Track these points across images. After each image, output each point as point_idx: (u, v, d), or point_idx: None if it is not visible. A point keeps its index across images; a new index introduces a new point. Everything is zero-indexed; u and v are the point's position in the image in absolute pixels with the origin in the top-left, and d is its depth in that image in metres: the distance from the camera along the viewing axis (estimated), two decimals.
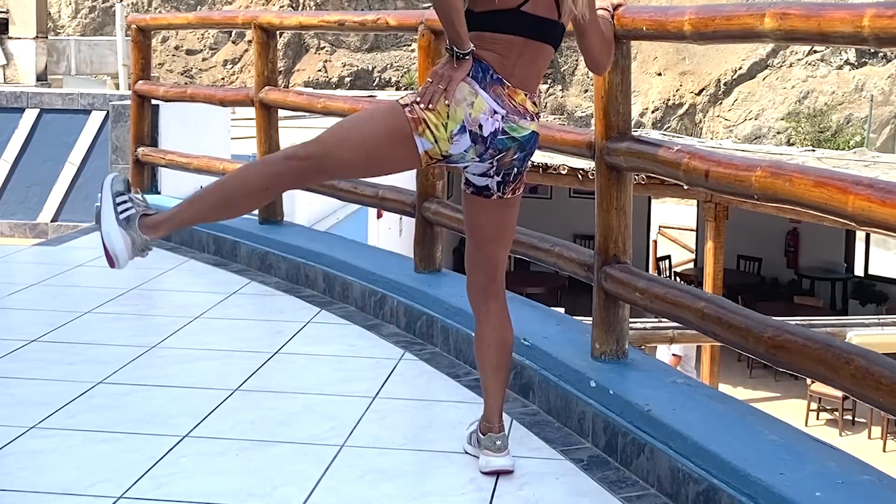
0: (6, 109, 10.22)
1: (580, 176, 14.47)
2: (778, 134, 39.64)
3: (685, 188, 3.38)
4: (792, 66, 40.93)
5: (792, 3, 2.80)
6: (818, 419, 14.98)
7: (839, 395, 13.76)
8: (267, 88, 6.19)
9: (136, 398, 3.88)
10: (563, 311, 6.19)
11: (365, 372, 4.21)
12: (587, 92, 41.36)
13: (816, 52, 40.28)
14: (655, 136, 16.97)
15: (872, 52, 28.63)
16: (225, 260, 6.26)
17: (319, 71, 43.43)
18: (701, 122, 41.27)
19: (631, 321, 3.94)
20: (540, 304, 4.53)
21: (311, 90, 15.99)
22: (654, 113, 41.23)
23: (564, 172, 14.91)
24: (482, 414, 3.27)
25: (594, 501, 3.04)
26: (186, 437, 3.48)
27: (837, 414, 14.70)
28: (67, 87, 17.55)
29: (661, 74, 41.84)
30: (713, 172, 3.07)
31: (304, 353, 4.50)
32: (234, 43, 44.41)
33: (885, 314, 15.94)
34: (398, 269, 5.08)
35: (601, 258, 3.67)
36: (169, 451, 3.35)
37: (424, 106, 2.92)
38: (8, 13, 17.57)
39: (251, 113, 6.45)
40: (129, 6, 41.61)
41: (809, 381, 13.33)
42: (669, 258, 21.08)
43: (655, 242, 21.83)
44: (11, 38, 17.61)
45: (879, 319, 12.52)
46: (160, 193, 7.51)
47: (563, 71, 42.84)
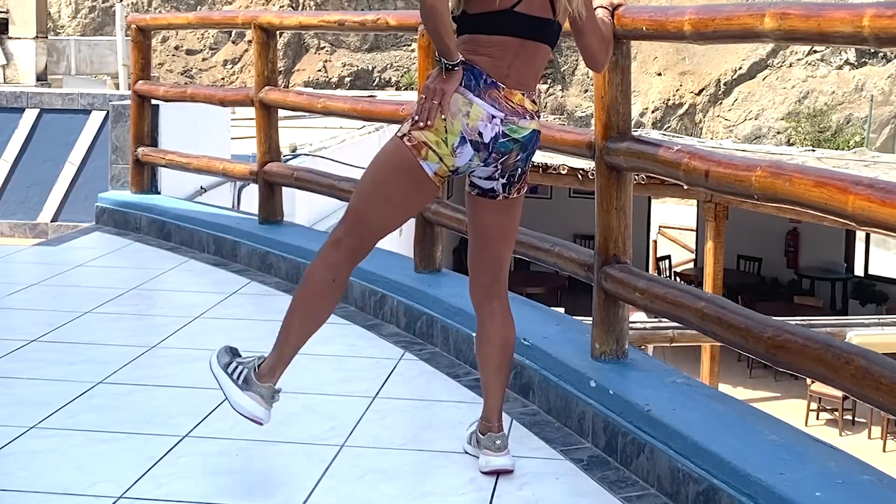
0: (6, 109, 10.22)
1: (580, 176, 14.47)
2: (778, 134, 39.64)
3: (685, 188, 3.38)
4: (792, 66, 40.94)
5: (792, 3, 2.79)
6: (818, 419, 14.98)
7: (839, 395, 13.76)
8: (267, 88, 6.19)
9: (136, 398, 3.88)
10: (563, 311, 6.19)
11: (365, 372, 4.21)
12: (587, 92, 41.36)
13: (816, 52, 40.28)
14: (655, 136, 16.98)
15: (872, 52, 28.63)
16: (225, 260, 6.26)
17: (319, 71, 43.44)
18: (701, 122, 41.28)
19: (631, 321, 3.93)
20: (540, 304, 4.53)
21: (311, 90, 15.99)
22: (654, 113, 41.23)
23: (564, 172, 14.92)
24: (482, 414, 3.27)
25: (594, 501, 3.04)
26: (186, 437, 3.48)
27: (837, 414, 14.71)
28: (67, 87, 17.54)
29: (661, 74, 41.85)
30: (713, 172, 3.07)
31: (304, 353, 4.48)
32: (234, 43, 44.42)
33: (885, 314, 15.97)
34: (398, 269, 5.08)
35: (601, 258, 3.67)
36: (169, 451, 3.35)
37: (423, 123, 2.94)
38: (8, 13, 17.56)
39: (251, 113, 6.46)
40: (129, 6, 41.61)
41: (809, 381, 13.33)
42: (669, 258, 21.08)
43: (655, 242, 21.84)
44: (11, 38, 17.60)
45: (879, 319, 12.55)
46: (160, 193, 7.51)
47: (563, 71, 42.84)
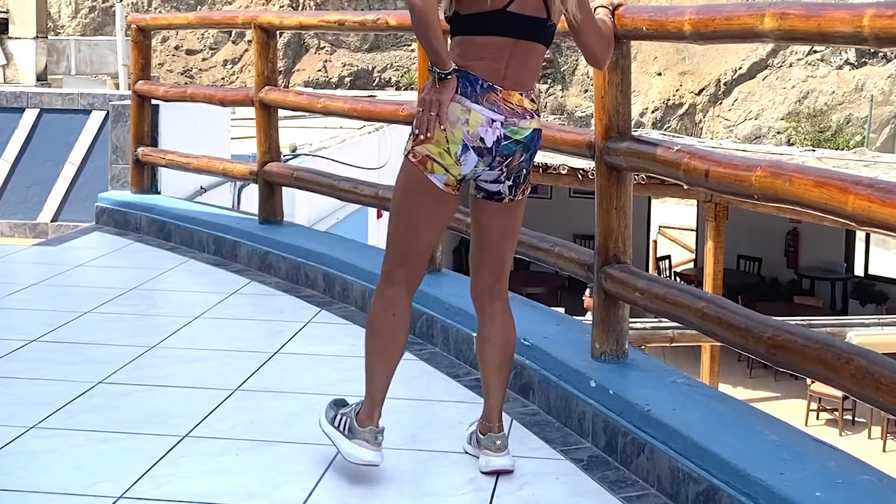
0: (6, 109, 10.21)
1: (580, 176, 14.47)
2: (778, 134, 39.64)
3: (685, 188, 3.38)
4: (792, 66, 40.93)
5: (792, 3, 2.79)
6: (818, 419, 14.97)
7: (839, 395, 13.76)
8: (267, 88, 6.19)
9: (136, 398, 3.88)
10: (563, 311, 6.18)
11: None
12: (587, 92, 41.36)
13: (816, 52, 40.27)
14: (655, 136, 16.98)
15: (872, 52, 28.63)
16: (225, 260, 6.26)
17: (319, 71, 43.43)
18: (701, 122, 41.27)
19: (631, 321, 3.93)
20: (540, 304, 4.53)
21: (311, 90, 15.99)
22: (654, 113, 41.23)
23: (564, 172, 14.92)
24: (482, 414, 3.27)
25: (594, 501, 3.04)
26: (186, 437, 3.48)
27: (837, 414, 14.70)
28: (67, 87, 17.53)
29: (661, 74, 41.84)
30: (713, 172, 3.07)
31: (304, 353, 4.50)
32: (234, 43, 44.42)
33: (885, 314, 15.96)
34: None
35: (601, 258, 3.67)
36: (169, 451, 3.35)
37: (423, 136, 2.95)
38: (8, 13, 17.55)
39: (251, 113, 6.46)
40: (129, 6, 41.61)
41: (809, 381, 13.33)
42: (669, 258, 21.08)
43: (655, 242, 21.84)
44: (11, 38, 17.58)
45: (879, 319, 12.54)
46: (160, 193, 7.51)
47: (563, 71, 42.84)
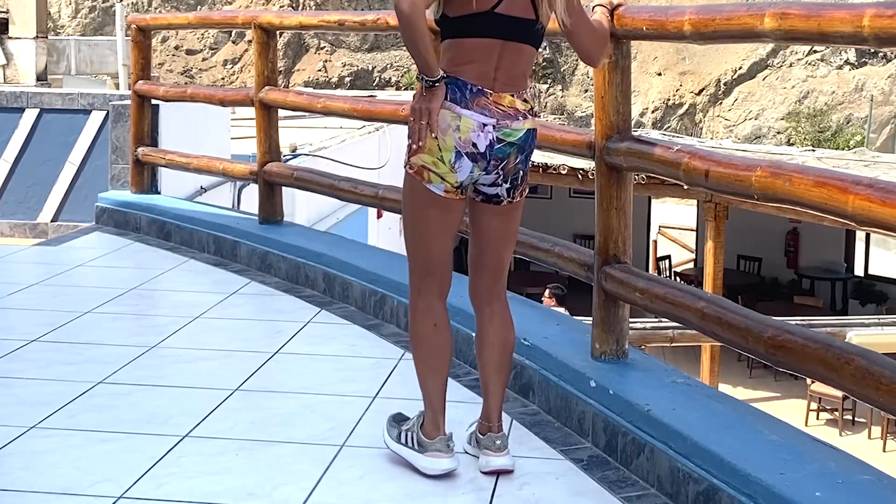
0: (6, 109, 10.21)
1: (580, 176, 14.47)
2: (778, 134, 39.64)
3: (685, 188, 3.38)
4: (792, 66, 40.93)
5: (792, 3, 2.79)
6: (818, 419, 14.97)
7: (839, 395, 13.76)
8: (267, 88, 6.19)
9: (136, 398, 3.88)
10: (563, 311, 6.18)
11: (365, 372, 4.21)
12: (587, 92, 41.36)
13: (816, 52, 40.28)
14: (655, 136, 16.98)
15: (872, 52, 28.63)
16: (225, 260, 6.26)
17: (319, 71, 43.43)
18: (701, 122, 41.27)
19: (631, 321, 3.93)
20: (540, 304, 4.53)
21: (311, 90, 15.99)
22: (654, 113, 41.22)
23: (564, 172, 14.93)
24: (482, 414, 3.27)
25: (594, 501, 3.04)
26: (186, 437, 3.48)
27: (837, 414, 14.70)
28: (67, 87, 17.52)
29: (661, 74, 41.84)
30: (713, 172, 3.07)
31: (304, 353, 4.50)
32: (234, 43, 44.41)
33: (885, 314, 15.96)
34: (398, 269, 5.06)
35: (601, 258, 3.67)
36: (169, 451, 3.35)
37: (416, 146, 2.97)
38: (8, 13, 17.55)
39: (251, 113, 6.46)
40: (129, 6, 41.60)
41: (809, 381, 13.33)
42: (669, 258, 21.08)
43: (655, 242, 21.85)
44: (11, 38, 17.58)
45: (879, 319, 12.54)
46: (160, 193, 7.51)
47: (563, 71, 42.84)
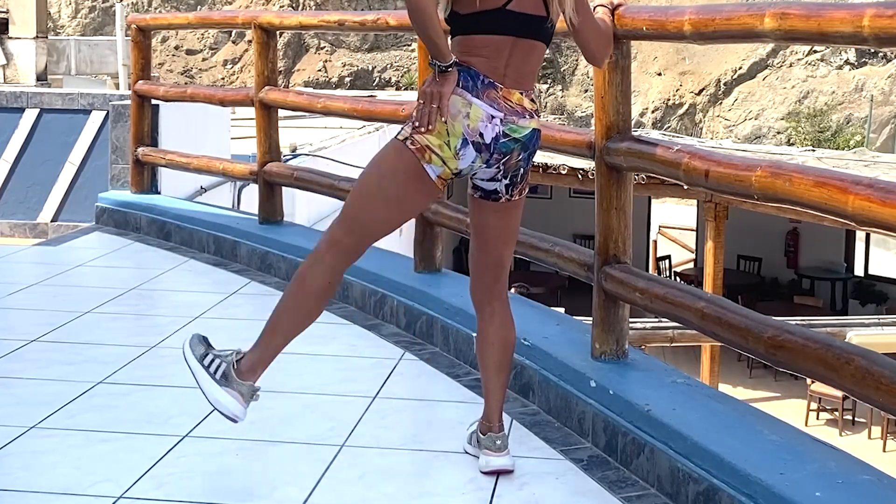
0: (6, 109, 10.21)
1: (580, 176, 14.48)
2: (778, 134, 39.65)
3: (685, 188, 3.38)
4: (792, 66, 40.94)
5: (792, 3, 2.79)
6: (818, 419, 14.98)
7: (839, 395, 13.76)
8: (267, 88, 6.19)
9: (136, 398, 3.88)
10: (563, 311, 6.18)
11: (365, 372, 4.21)
12: (587, 92, 41.37)
13: (816, 52, 40.28)
14: (655, 136, 16.98)
15: (872, 52, 28.62)
16: (225, 260, 6.26)
17: (319, 71, 43.45)
18: (701, 122, 41.28)
19: (631, 321, 3.93)
20: (540, 304, 4.53)
21: (311, 90, 15.99)
22: (654, 113, 41.24)
23: (564, 172, 14.93)
24: (482, 414, 3.27)
25: (594, 501, 3.04)
26: (186, 437, 3.48)
27: (837, 414, 14.70)
28: (67, 87, 17.53)
29: (661, 74, 41.85)
30: (713, 172, 3.07)
31: (304, 352, 4.49)
32: (234, 43, 44.43)
33: (885, 314, 15.97)
34: (398, 269, 5.07)
35: (601, 258, 3.67)
36: (169, 451, 3.35)
37: (424, 129, 2.93)
38: (8, 13, 17.56)
39: (251, 113, 6.46)
40: (129, 6, 41.61)
41: (809, 381, 13.33)
42: (669, 258, 21.09)
43: (655, 242, 21.85)
44: (11, 38, 17.59)
45: (879, 319, 12.55)
46: (160, 193, 7.51)
47: (563, 71, 42.85)
